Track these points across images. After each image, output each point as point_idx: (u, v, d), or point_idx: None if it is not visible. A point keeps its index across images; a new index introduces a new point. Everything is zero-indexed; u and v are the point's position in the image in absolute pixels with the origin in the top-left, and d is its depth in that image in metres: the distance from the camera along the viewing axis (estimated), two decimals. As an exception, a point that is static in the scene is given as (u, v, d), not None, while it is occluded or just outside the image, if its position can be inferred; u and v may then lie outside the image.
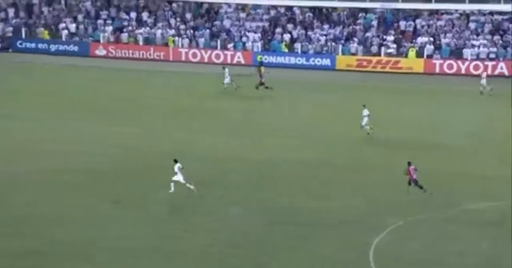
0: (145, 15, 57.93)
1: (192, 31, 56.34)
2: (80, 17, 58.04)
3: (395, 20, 56.07)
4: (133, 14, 58.03)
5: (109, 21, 57.48)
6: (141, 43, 55.58)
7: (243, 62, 53.81)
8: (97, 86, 45.62)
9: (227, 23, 57.06)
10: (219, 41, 55.00)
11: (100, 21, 57.49)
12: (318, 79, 50.01)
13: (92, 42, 55.87)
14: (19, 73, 49.65)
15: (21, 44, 55.94)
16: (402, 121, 38.88)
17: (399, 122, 38.73)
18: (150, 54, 54.74)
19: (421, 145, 34.55)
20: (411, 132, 36.68)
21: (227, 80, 44.86)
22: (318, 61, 53.84)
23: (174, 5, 58.91)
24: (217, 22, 57.15)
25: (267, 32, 56.24)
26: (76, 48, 55.59)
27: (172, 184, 27.33)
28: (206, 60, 53.87)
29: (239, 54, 54.14)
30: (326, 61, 53.75)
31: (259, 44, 55.06)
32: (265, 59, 53.78)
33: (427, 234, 24.86)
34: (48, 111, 39.27)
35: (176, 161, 27.56)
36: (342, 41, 54.71)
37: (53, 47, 55.69)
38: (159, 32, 56.11)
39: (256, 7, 58.07)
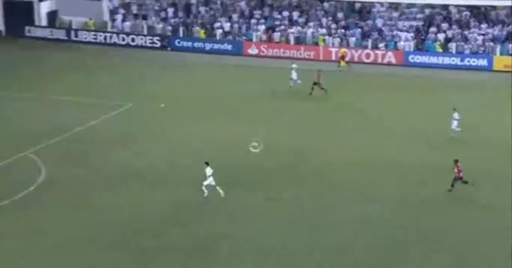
0: (296, 15, 58.40)
1: (343, 30, 56.08)
2: (234, 17, 59.57)
3: (561, 19, 52.72)
4: (285, 13, 58.70)
5: (262, 20, 58.53)
6: (292, 42, 56.11)
7: (394, 62, 52.80)
8: (246, 85, 46.58)
9: (379, 22, 56.22)
10: (370, 41, 54.34)
11: (253, 20, 58.65)
12: (473, 79, 48.15)
13: (245, 41, 57.14)
14: (176, 71, 51.78)
15: (179, 42, 58.21)
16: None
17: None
18: (300, 54, 55.07)
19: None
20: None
21: (293, 75, 43.84)
22: (474, 62, 51.72)
23: (325, 4, 58.91)
24: (369, 21, 56.48)
25: (421, 31, 54.79)
26: (230, 47, 57.04)
27: (204, 188, 27.56)
28: (356, 59, 53.37)
29: (390, 53, 53.18)
30: (483, 62, 51.52)
31: (411, 43, 53.78)
32: (418, 59, 52.62)
33: None
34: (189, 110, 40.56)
35: (207, 164, 27.63)
36: (501, 41, 52.21)
37: (208, 46, 57.49)
38: (310, 31, 56.35)
39: (410, 5, 56.73)
